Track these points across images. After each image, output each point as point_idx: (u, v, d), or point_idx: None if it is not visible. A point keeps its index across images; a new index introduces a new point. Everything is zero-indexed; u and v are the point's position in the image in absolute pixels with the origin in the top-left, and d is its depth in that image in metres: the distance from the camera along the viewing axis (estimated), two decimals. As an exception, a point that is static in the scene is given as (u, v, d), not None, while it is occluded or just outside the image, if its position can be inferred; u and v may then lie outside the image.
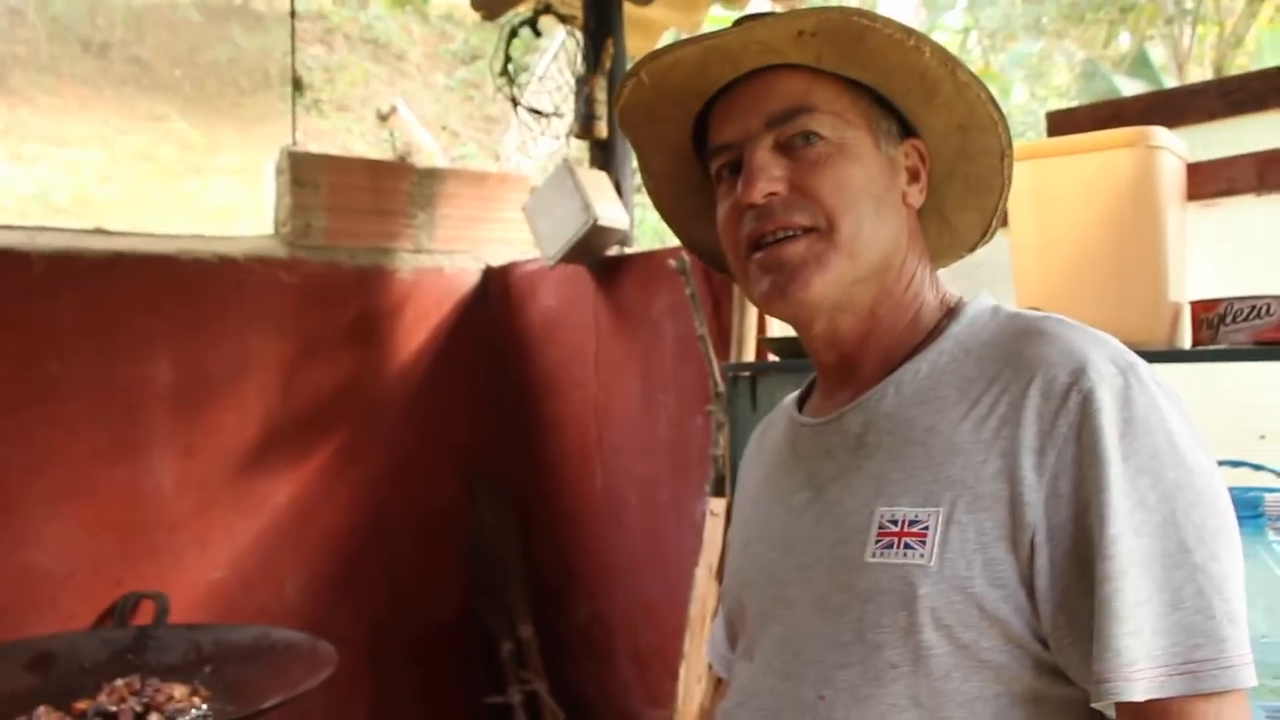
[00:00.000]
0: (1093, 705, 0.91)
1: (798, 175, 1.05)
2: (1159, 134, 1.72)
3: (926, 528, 0.96)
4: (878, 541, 0.99)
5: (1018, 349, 1.00)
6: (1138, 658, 0.87)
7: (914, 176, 1.11)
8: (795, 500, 1.12)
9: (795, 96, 1.06)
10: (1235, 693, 0.88)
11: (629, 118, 1.18)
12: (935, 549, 0.95)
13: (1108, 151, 1.74)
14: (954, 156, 1.11)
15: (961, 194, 1.14)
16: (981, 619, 0.94)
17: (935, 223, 1.17)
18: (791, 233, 1.05)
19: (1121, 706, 0.90)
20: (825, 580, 1.04)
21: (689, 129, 1.17)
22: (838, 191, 1.04)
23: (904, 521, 0.98)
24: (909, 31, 1.01)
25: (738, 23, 1.07)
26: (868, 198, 1.05)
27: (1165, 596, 0.88)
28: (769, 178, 1.05)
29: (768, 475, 1.21)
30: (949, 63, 1.03)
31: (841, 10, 1.01)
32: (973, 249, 1.20)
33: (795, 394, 1.26)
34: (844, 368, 1.13)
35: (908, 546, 0.97)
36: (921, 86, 1.06)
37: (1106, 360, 0.95)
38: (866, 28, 1.01)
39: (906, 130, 1.11)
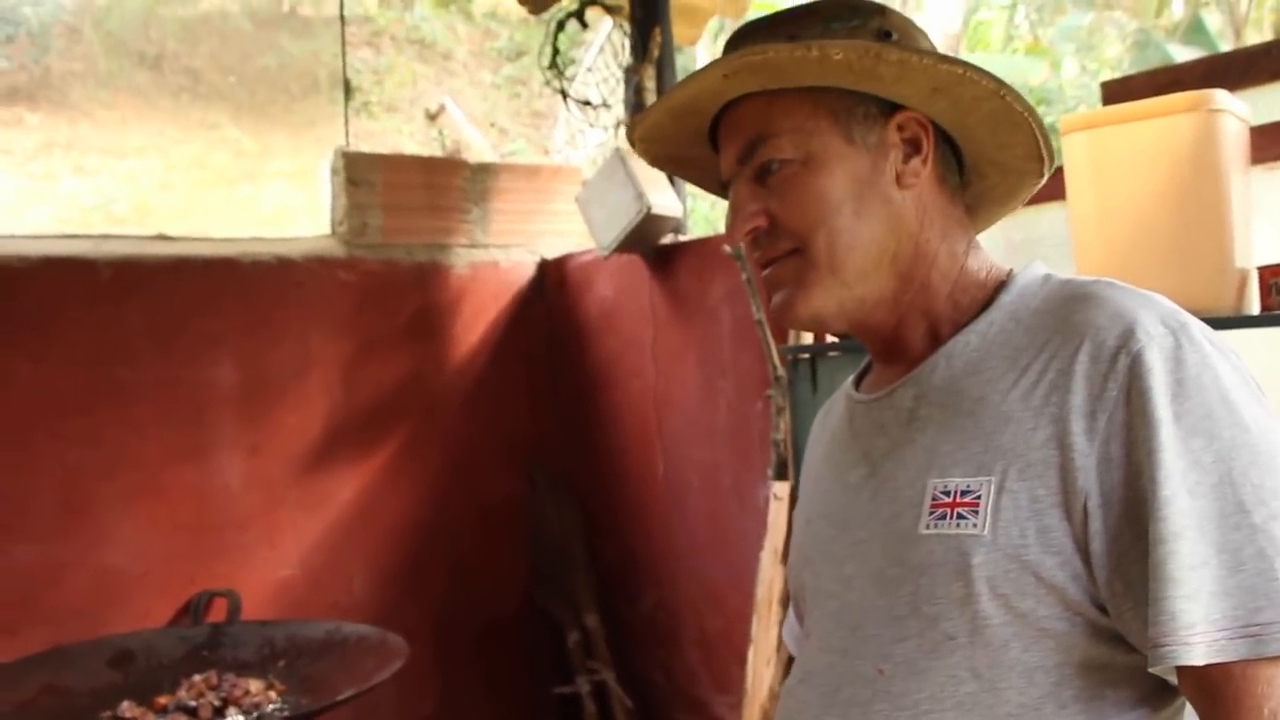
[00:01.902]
0: (1150, 670, 0.90)
1: (770, 204, 1.07)
2: (1220, 97, 1.69)
3: (979, 497, 0.96)
4: (931, 513, 0.99)
5: (1066, 314, 0.99)
6: (1195, 621, 0.85)
7: (915, 148, 1.08)
8: (852, 477, 1.12)
9: (753, 126, 1.07)
10: None
11: (664, 169, 1.27)
12: (988, 518, 0.95)
13: (1167, 117, 1.71)
14: (951, 111, 1.08)
15: (989, 136, 1.10)
16: (1038, 587, 0.93)
17: (991, 168, 1.14)
18: (780, 257, 1.08)
19: (1183, 672, 0.89)
20: (880, 555, 1.04)
21: (715, 157, 1.19)
22: (804, 211, 1.05)
23: (956, 492, 0.98)
24: (808, 45, 1.00)
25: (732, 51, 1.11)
26: (840, 203, 1.05)
27: (1224, 559, 0.86)
28: (746, 215, 1.08)
29: (828, 453, 1.22)
30: (869, 52, 1.00)
31: (740, 51, 1.03)
32: (1041, 176, 1.14)
33: (855, 373, 1.26)
34: (891, 348, 1.13)
35: (960, 517, 0.96)
36: (857, 79, 1.04)
37: (1156, 320, 0.94)
38: (763, 60, 1.01)
39: (895, 104, 1.07)
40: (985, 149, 1.12)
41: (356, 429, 3.43)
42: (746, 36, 1.09)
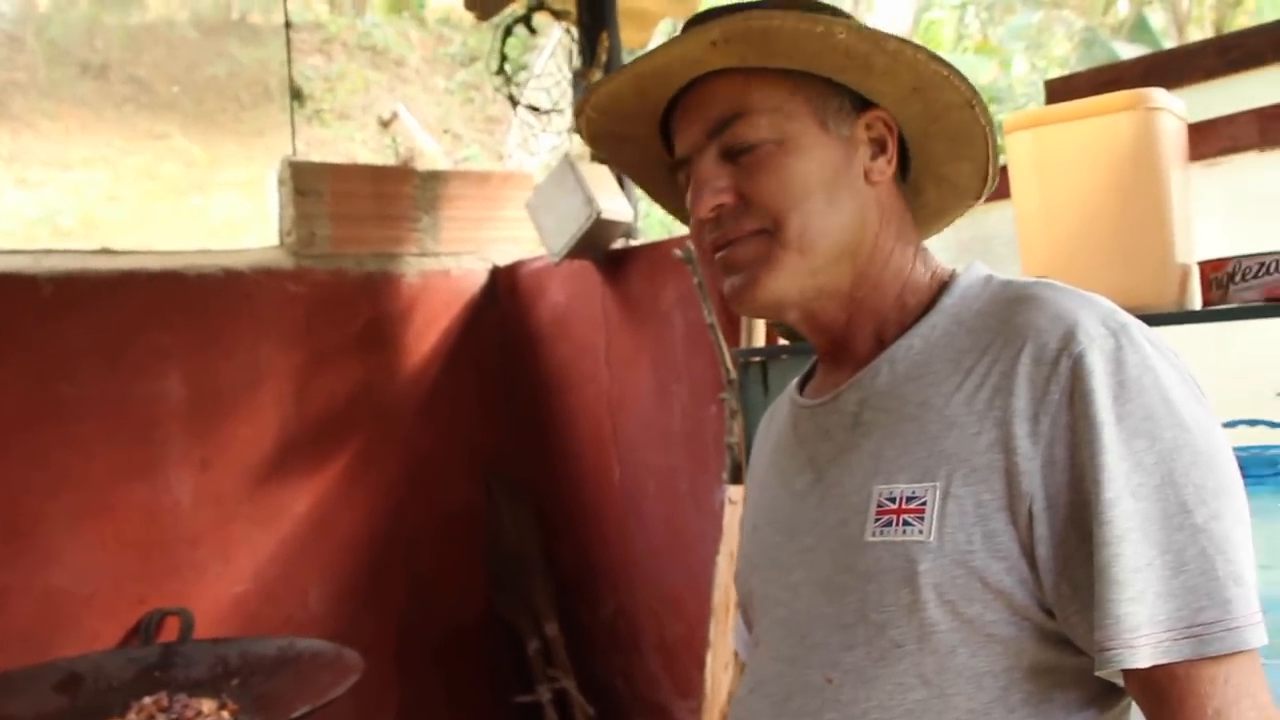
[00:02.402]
0: (1097, 674, 0.90)
1: (741, 182, 1.05)
2: (1158, 95, 1.70)
3: (924, 503, 0.95)
4: (876, 520, 0.98)
5: (1008, 317, 0.99)
6: (1141, 623, 0.86)
7: (881, 148, 1.08)
8: (798, 483, 1.11)
9: (729, 102, 1.05)
10: (1244, 654, 0.86)
11: (599, 147, 1.22)
12: (934, 524, 0.94)
13: (1107, 116, 1.72)
14: (921, 117, 1.08)
15: (946, 149, 1.11)
16: (985, 592, 0.93)
17: (932, 183, 1.15)
18: (743, 236, 1.06)
19: (1129, 674, 0.89)
20: (828, 562, 1.03)
21: (659, 140, 1.17)
22: (781, 191, 1.03)
23: (901, 498, 0.97)
24: (815, 19, 0.99)
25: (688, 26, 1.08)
26: (815, 188, 1.04)
27: (1168, 559, 0.86)
28: (713, 190, 1.05)
29: (772, 459, 1.21)
30: (870, 37, 1.00)
31: (743, 14, 1.00)
32: (979, 197, 1.16)
33: (798, 377, 1.25)
34: (837, 349, 1.13)
35: (906, 523, 0.96)
36: (851, 64, 1.03)
37: (1097, 322, 0.93)
38: (768, 28, 0.99)
39: (866, 102, 1.08)
40: (934, 161, 1.12)
41: (309, 441, 3.40)
42: (710, 18, 1.06)
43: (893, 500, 0.98)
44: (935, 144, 1.11)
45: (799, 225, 1.03)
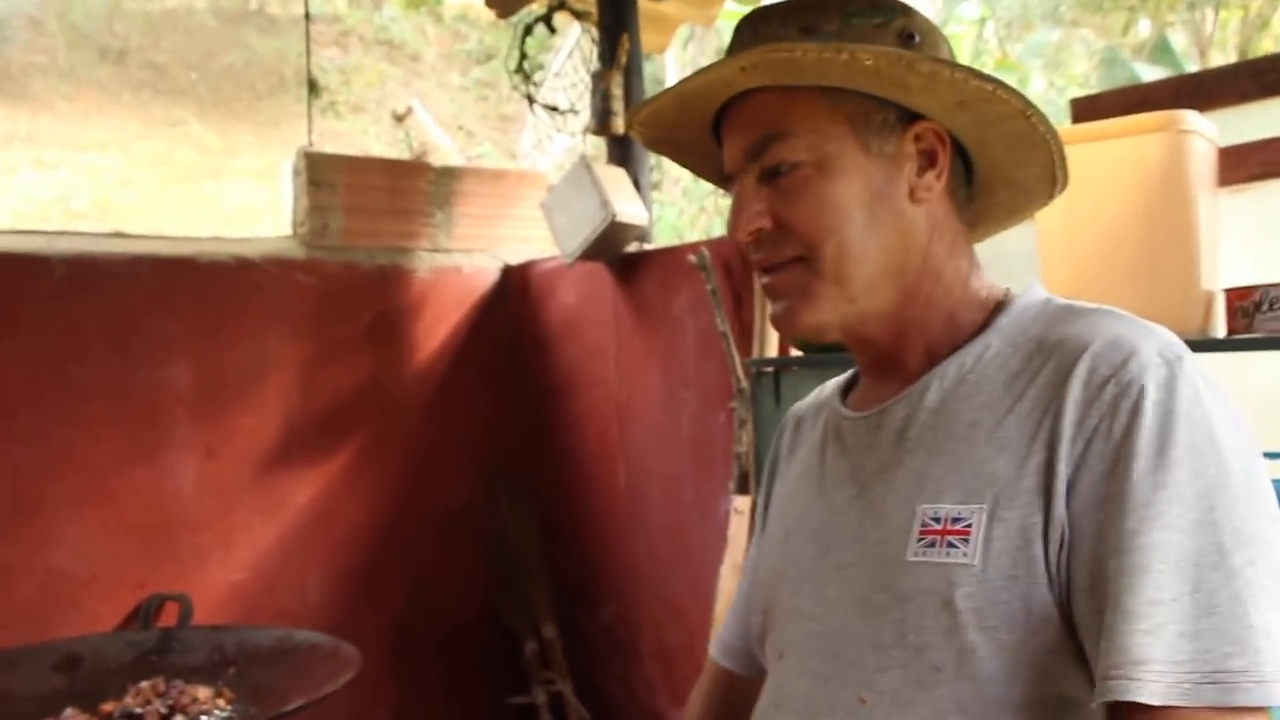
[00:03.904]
0: (1094, 705, 0.86)
1: (777, 207, 1.04)
2: (1189, 118, 1.69)
3: (970, 525, 0.93)
4: (919, 540, 0.96)
5: (1063, 339, 0.97)
6: (1153, 657, 0.82)
7: (931, 161, 1.05)
8: (838, 497, 1.09)
9: (767, 123, 1.04)
10: (1261, 711, 0.82)
11: (661, 153, 1.22)
12: (979, 547, 0.92)
13: (1136, 137, 1.71)
14: (974, 126, 1.05)
15: (1007, 154, 1.08)
16: (1028, 618, 0.90)
17: (1002, 185, 1.12)
18: (783, 263, 1.05)
19: (1129, 709, 0.84)
20: (865, 580, 1.01)
21: (714, 143, 1.15)
22: (815, 218, 1.02)
23: (946, 519, 0.95)
24: (838, 47, 0.97)
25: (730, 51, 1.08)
26: (853, 212, 1.02)
27: (1198, 599, 0.83)
28: (750, 214, 1.04)
29: (807, 467, 1.18)
30: (900, 60, 0.98)
31: (763, 47, 0.99)
32: (1050, 198, 1.13)
33: (838, 382, 1.23)
34: (885, 364, 1.11)
35: (950, 545, 0.94)
36: (884, 84, 1.01)
37: (1153, 351, 0.91)
38: (789, 59, 0.98)
39: (914, 114, 1.05)
40: (1001, 167, 1.10)
41: (314, 433, 3.38)
42: (759, 24, 1.06)
43: (937, 520, 0.96)
44: (995, 149, 1.08)
45: (834, 255, 1.02)
